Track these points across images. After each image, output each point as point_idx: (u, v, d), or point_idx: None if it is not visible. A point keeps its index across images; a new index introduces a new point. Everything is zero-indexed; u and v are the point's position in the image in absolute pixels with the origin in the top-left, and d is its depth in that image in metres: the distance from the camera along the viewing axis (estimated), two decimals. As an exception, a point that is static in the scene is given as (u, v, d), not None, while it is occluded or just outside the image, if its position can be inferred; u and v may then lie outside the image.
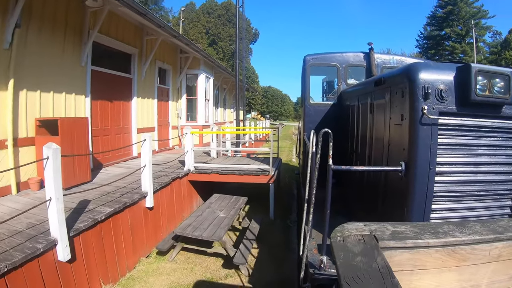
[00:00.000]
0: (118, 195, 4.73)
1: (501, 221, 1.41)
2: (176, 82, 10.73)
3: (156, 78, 9.21)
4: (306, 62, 5.57)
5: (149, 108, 8.91)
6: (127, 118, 7.97)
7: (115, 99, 7.43)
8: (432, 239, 1.20)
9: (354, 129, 4.41)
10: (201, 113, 11.47)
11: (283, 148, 19.75)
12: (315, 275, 2.33)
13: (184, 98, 11.16)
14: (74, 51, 5.90)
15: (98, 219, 3.82)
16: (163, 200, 5.63)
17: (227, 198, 6.50)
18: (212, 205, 6.05)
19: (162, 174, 6.23)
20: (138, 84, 8.17)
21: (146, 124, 8.74)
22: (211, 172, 6.92)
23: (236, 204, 6.11)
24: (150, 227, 5.14)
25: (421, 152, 2.43)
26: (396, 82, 2.88)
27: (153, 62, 8.89)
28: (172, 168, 6.86)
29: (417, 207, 2.47)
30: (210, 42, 48.41)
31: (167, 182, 5.80)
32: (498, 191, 2.66)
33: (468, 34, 42.07)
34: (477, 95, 2.39)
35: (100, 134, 6.92)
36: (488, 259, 1.26)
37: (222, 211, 5.66)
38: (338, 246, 1.19)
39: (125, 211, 4.44)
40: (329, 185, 2.32)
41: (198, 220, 5.17)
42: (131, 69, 8.03)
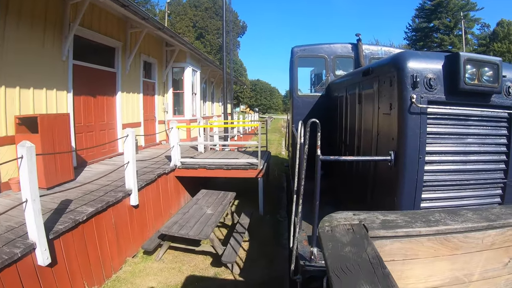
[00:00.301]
0: (101, 193, 4.56)
1: (493, 209, 1.38)
2: (162, 76, 10.53)
3: (141, 72, 8.98)
4: (294, 53, 5.54)
5: (134, 103, 8.67)
6: (112, 114, 7.73)
7: (99, 94, 7.19)
8: (423, 227, 1.15)
9: (343, 120, 4.40)
10: (188, 107, 11.25)
11: (272, 141, 19.67)
12: (305, 267, 2.30)
13: (170, 92, 10.93)
14: (54, 45, 5.66)
15: (79, 220, 3.66)
16: (148, 197, 5.48)
17: (214, 193, 6.37)
18: (199, 201, 5.91)
19: (148, 171, 6.05)
20: (122, 78, 7.93)
21: (131, 119, 8.49)
22: (198, 167, 6.77)
23: (224, 200, 5.98)
24: (136, 225, 4.99)
25: (410, 141, 2.40)
26: (384, 71, 2.85)
27: (137, 55, 8.66)
28: (158, 164, 6.70)
29: (407, 197, 2.46)
30: (197, 35, 47.77)
31: (152, 178, 5.63)
32: (488, 180, 2.66)
33: (457, 26, 42.72)
34: (466, 83, 2.38)
35: (83, 131, 6.70)
36: (481, 247, 1.23)
37: (209, 207, 5.54)
38: (326, 236, 1.13)
39: (108, 210, 4.27)
40: (318, 175, 2.29)
41: (185, 217, 5.02)
42: (115, 63, 7.77)
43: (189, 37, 42.66)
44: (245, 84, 42.53)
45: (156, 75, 10.06)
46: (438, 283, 1.24)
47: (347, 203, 4.02)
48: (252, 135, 18.21)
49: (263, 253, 5.12)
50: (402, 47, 37.82)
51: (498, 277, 1.31)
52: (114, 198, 4.41)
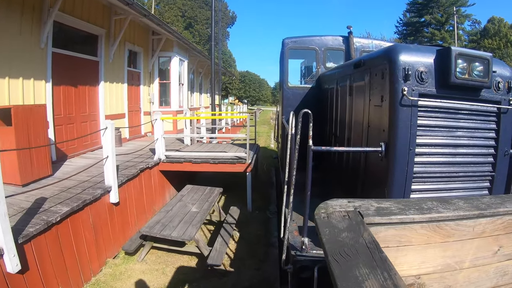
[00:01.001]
0: (78, 190, 4.33)
1: (483, 198, 1.43)
2: (148, 65, 10.33)
3: (125, 61, 8.76)
4: (285, 45, 5.57)
5: (118, 93, 8.47)
6: (94, 105, 7.51)
7: (81, 84, 6.94)
8: (417, 214, 1.18)
9: (333, 112, 4.47)
10: (174, 98, 11.09)
11: (261, 133, 19.67)
12: (296, 257, 2.35)
13: (156, 82, 10.76)
14: (32, 32, 5.39)
15: (53, 221, 3.43)
16: (130, 194, 5.29)
17: (200, 189, 6.23)
18: (184, 198, 5.73)
19: (130, 165, 5.83)
20: (105, 67, 7.71)
21: (115, 110, 8.30)
22: (184, 161, 6.61)
23: (210, 196, 5.84)
24: (117, 224, 4.79)
25: (401, 133, 2.47)
26: (376, 63, 2.91)
27: (122, 44, 8.43)
28: (142, 158, 6.51)
29: (397, 188, 2.52)
30: (186, 25, 47.03)
31: (134, 173, 5.43)
32: (476, 173, 2.76)
33: (448, 22, 43.61)
34: (457, 78, 2.46)
35: (64, 123, 6.46)
36: (472, 235, 1.27)
37: (194, 204, 5.38)
38: (323, 222, 1.15)
39: (86, 209, 4.06)
40: (309, 166, 2.32)
41: (168, 216, 4.83)
42: (98, 52, 7.54)
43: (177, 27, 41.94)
44: (234, 75, 42.30)
45: (142, 64, 9.88)
46: (430, 269, 1.28)
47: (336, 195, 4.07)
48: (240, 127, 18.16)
49: (251, 253, 5.00)
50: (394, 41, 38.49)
51: (488, 265, 1.36)
52: (91, 196, 4.18)
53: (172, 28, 10.11)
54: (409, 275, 1.32)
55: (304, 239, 2.38)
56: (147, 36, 10.18)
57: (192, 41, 37.49)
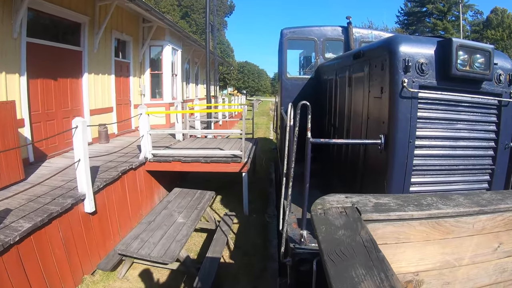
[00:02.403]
0: (48, 199, 3.83)
1: (484, 194, 1.43)
2: (138, 55, 9.99)
3: (112, 51, 8.37)
4: (283, 35, 5.60)
5: (104, 85, 8.07)
6: (78, 99, 7.10)
7: (61, 77, 6.50)
8: (416, 211, 1.18)
9: (332, 103, 4.48)
10: (167, 90, 10.75)
11: (260, 125, 19.45)
12: (295, 250, 2.37)
13: (148, 73, 10.42)
14: (3, 20, 4.98)
15: (10, 242, 2.98)
16: (111, 200, 4.85)
17: (190, 193, 5.81)
18: (170, 204, 5.29)
19: (112, 166, 5.34)
20: (89, 58, 7.31)
21: (101, 104, 7.91)
22: (172, 160, 6.12)
23: (200, 202, 5.37)
24: (95, 236, 4.38)
25: (400, 125, 2.48)
26: (376, 54, 2.91)
27: (108, 32, 8.04)
28: (127, 157, 6.01)
29: (396, 181, 2.54)
30: (182, 14, 46.31)
31: (115, 176, 4.92)
32: (476, 166, 2.78)
33: (450, 12, 43.52)
34: (458, 69, 2.45)
35: (42, 119, 5.99)
36: (472, 232, 1.27)
37: (181, 213, 4.93)
38: (319, 219, 1.14)
39: (54, 223, 3.61)
40: (307, 158, 2.33)
41: (150, 228, 4.39)
42: (81, 41, 7.11)
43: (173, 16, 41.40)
44: (231, 65, 42.02)
45: (131, 54, 9.47)
46: (429, 266, 1.28)
47: (335, 187, 4.14)
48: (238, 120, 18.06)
49: (247, 267, 4.60)
50: (396, 31, 38.48)
51: (488, 262, 1.37)
52: (60, 207, 3.68)
53: (163, 15, 9.84)
54: (408, 272, 1.32)
55: (303, 232, 2.40)
56: (137, 24, 9.82)
57: (188, 31, 36.97)
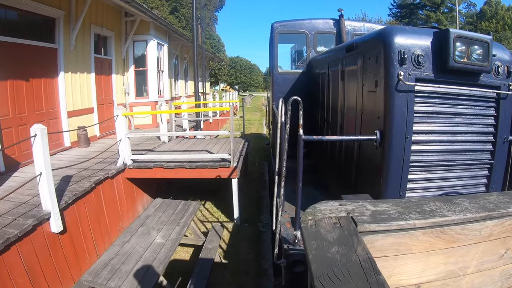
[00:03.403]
0: (8, 219, 3.36)
1: (490, 196, 1.34)
2: (121, 51, 9.47)
3: (92, 47, 7.86)
4: (274, 29, 5.56)
5: (84, 84, 7.56)
6: (53, 100, 6.60)
7: (34, 77, 6.01)
8: (419, 219, 1.08)
9: (325, 98, 4.43)
10: (153, 87, 10.29)
11: (253, 121, 19.23)
12: (289, 251, 2.32)
13: (132, 70, 9.91)
14: None
15: None
16: (83, 215, 4.38)
17: (172, 205, 5.35)
18: (149, 219, 4.79)
19: (86, 175, 4.80)
20: (66, 55, 6.81)
21: (80, 105, 7.38)
22: (154, 166, 5.59)
23: (183, 216, 4.84)
24: (65, 258, 3.95)
25: (397, 120, 2.42)
26: (369, 47, 2.85)
27: (86, 27, 7.55)
28: (105, 163, 5.49)
29: (393, 177, 2.49)
30: (171, 9, 45.60)
31: (87, 188, 4.39)
32: (475, 161, 2.73)
33: (444, 3, 43.93)
34: (456, 61, 2.39)
35: (13, 124, 5.51)
36: (479, 239, 1.18)
37: (161, 231, 4.44)
38: (310, 233, 1.02)
39: (13, 248, 3.17)
40: (300, 157, 2.27)
41: (123, 252, 3.89)
42: (56, 37, 6.61)
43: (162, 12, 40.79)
44: (222, 60, 41.71)
45: (113, 50, 9.03)
46: (432, 277, 1.20)
47: (329, 183, 4.13)
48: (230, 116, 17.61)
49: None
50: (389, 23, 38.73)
51: (493, 269, 1.29)
52: (19, 230, 3.20)
53: (146, 7, 9.49)
54: (408, 285, 1.23)
55: (297, 232, 2.35)
56: (119, 18, 9.30)
57: (178, 26, 36.35)
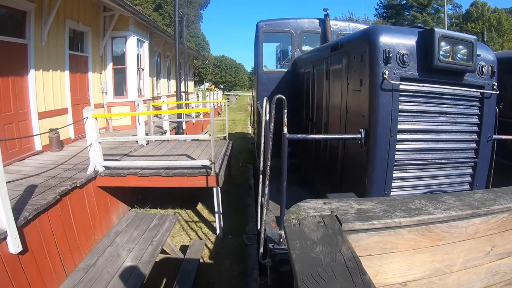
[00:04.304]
0: None
1: (475, 194, 1.36)
2: (99, 47, 9.15)
3: (66, 43, 7.48)
4: (259, 28, 5.62)
5: (57, 83, 7.19)
6: (22, 100, 6.23)
7: (1, 75, 5.69)
8: (404, 217, 1.08)
9: (310, 97, 4.49)
10: (132, 86, 9.98)
11: (238, 121, 19.08)
12: (274, 250, 2.34)
13: (110, 67, 9.58)
14: None
15: None
16: (47, 231, 3.99)
17: (146, 218, 4.91)
18: (119, 237, 4.37)
19: (52, 185, 4.35)
20: (37, 51, 6.47)
21: (52, 105, 7.01)
22: (127, 173, 5.15)
23: (157, 233, 4.43)
24: (28, 280, 3.57)
25: (381, 119, 2.47)
26: (354, 46, 2.91)
27: (60, 21, 7.22)
28: (75, 170, 5.03)
29: (378, 176, 2.55)
30: (155, 6, 45.15)
31: (50, 201, 3.94)
32: (459, 159, 2.82)
33: (430, 4, 45.35)
34: (440, 61, 2.48)
35: None
36: (465, 237, 1.19)
37: (131, 251, 4.03)
38: (294, 232, 1.01)
39: None
40: (284, 155, 2.31)
41: (87, 279, 3.52)
42: (26, 32, 6.28)
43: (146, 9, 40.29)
44: (207, 59, 41.60)
45: (90, 47, 8.67)
46: (418, 275, 1.20)
47: (315, 182, 4.17)
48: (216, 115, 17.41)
49: None
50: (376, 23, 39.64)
51: (480, 266, 1.31)
52: None
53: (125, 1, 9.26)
54: (395, 283, 1.23)
55: (282, 232, 2.37)
56: (97, 13, 8.98)
57: (162, 23, 35.85)
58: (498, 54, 4.61)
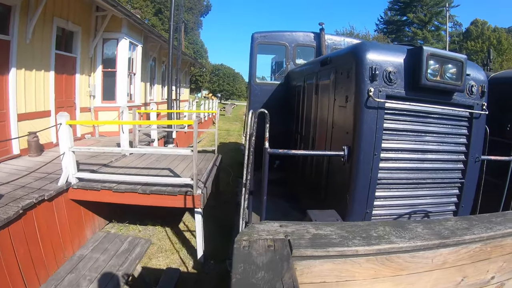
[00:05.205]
0: None
1: (448, 222, 1.33)
2: (89, 49, 8.94)
3: (53, 42, 7.32)
4: (254, 39, 5.72)
5: (40, 84, 7.02)
6: (1, 100, 6.10)
7: None
8: (362, 246, 1.04)
9: (300, 110, 4.54)
10: (122, 91, 9.76)
11: (232, 131, 18.91)
12: None
13: (99, 70, 9.39)
14: None
15: None
16: (8, 250, 3.71)
17: (116, 241, 4.59)
18: (83, 263, 4.00)
19: (18, 196, 4.13)
20: (20, 49, 6.30)
21: (34, 107, 6.80)
22: (101, 187, 4.84)
23: (126, 261, 4.06)
24: None
25: (365, 136, 2.47)
26: (342, 62, 2.95)
27: (48, 19, 7.08)
28: (47, 180, 4.78)
29: (360, 194, 2.55)
30: (155, 11, 45.86)
31: (11, 216, 3.65)
32: (445, 179, 2.82)
33: (431, 22, 46.42)
34: (428, 79, 2.49)
35: None
36: (431, 267, 1.15)
37: (93, 281, 3.67)
38: (241, 255, 0.97)
39: None
40: (265, 169, 2.33)
41: None
42: (10, 28, 6.13)
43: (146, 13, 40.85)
44: (204, 66, 41.96)
45: (79, 47, 8.51)
46: (379, 307, 1.15)
47: (301, 197, 4.18)
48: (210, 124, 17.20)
49: None
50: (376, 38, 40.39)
51: (448, 298, 1.27)
52: None
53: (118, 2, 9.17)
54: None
55: None
56: (89, 12, 8.83)
57: (160, 28, 36.21)
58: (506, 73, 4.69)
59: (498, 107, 3.83)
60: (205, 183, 5.18)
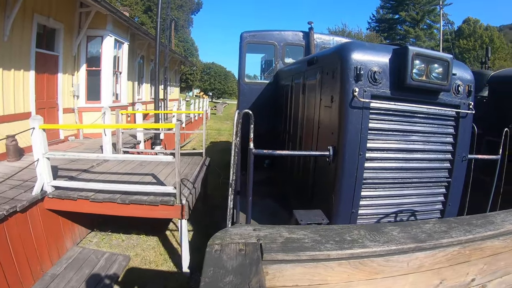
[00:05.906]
0: None
1: (426, 224, 1.34)
2: (72, 47, 8.88)
3: (33, 40, 7.21)
4: (243, 39, 5.80)
5: (19, 84, 6.85)
6: None
7: None
8: (334, 250, 1.05)
9: (287, 110, 4.62)
10: (107, 90, 9.72)
11: (223, 131, 18.84)
12: None
13: (83, 69, 9.28)
14: None
15: None
16: None
17: (92, 258, 4.42)
18: (55, 283, 3.84)
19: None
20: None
21: (12, 108, 6.62)
22: (78, 197, 4.60)
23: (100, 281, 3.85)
24: None
25: (350, 136, 2.52)
26: (328, 61, 2.99)
27: (28, 16, 6.98)
28: (23, 188, 4.59)
29: (345, 194, 2.60)
30: (145, 8, 45.65)
31: None
32: (432, 179, 2.88)
33: (423, 20, 47.02)
34: (413, 79, 2.53)
35: None
36: (406, 271, 1.17)
37: None
38: (211, 258, 0.99)
39: None
40: (250, 170, 2.38)
41: None
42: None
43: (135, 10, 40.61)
44: (194, 65, 41.86)
45: (62, 45, 8.39)
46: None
47: (289, 196, 4.23)
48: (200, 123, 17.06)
49: None
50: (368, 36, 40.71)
51: (426, 301, 1.29)
52: None
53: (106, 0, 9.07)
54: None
55: None
56: (73, 9, 8.77)
57: (150, 26, 36.04)
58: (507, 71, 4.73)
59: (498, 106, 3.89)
60: (190, 190, 4.97)
